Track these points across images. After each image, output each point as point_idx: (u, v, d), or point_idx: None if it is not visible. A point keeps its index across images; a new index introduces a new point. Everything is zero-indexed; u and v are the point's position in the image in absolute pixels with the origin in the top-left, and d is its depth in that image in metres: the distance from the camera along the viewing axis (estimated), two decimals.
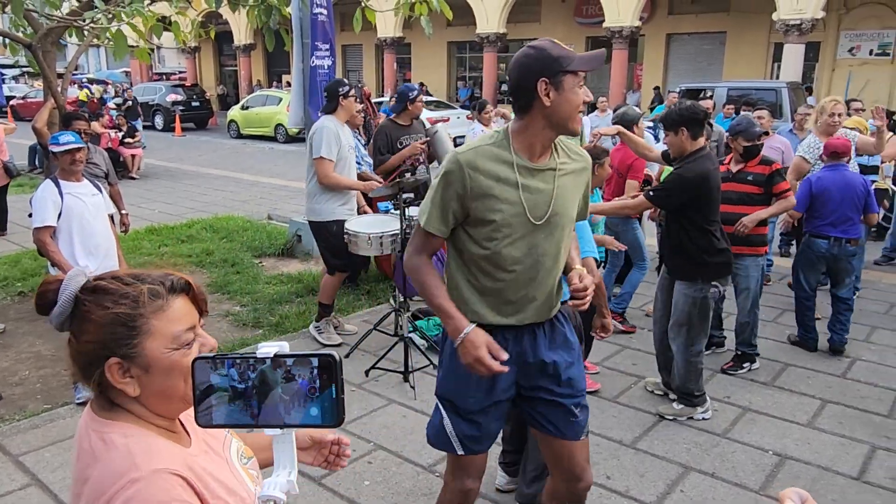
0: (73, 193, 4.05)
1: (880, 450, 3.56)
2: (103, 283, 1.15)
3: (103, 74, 32.36)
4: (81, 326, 1.13)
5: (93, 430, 1.14)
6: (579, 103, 2.00)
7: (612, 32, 18.23)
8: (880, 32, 16.89)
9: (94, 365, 1.12)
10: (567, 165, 2.11)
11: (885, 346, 4.97)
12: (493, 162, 2.02)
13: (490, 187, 2.00)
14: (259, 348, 0.99)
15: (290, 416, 0.98)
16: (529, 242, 2.06)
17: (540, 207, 2.04)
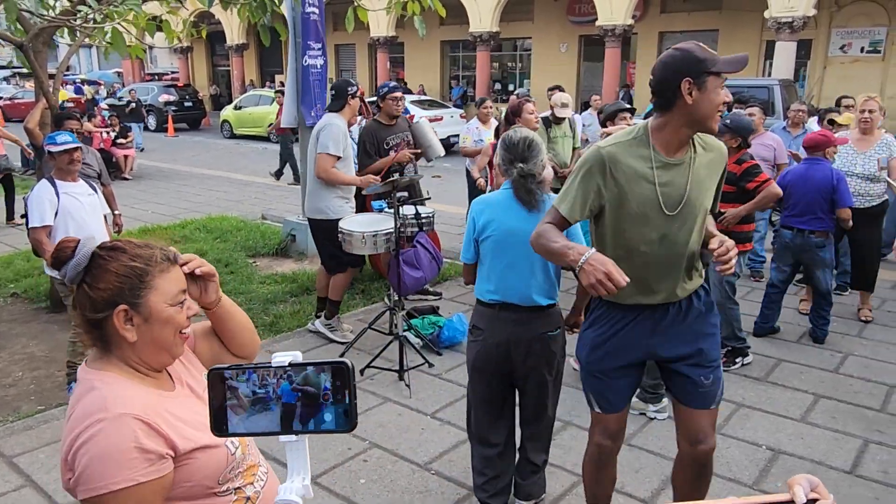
0: (70, 193, 4.05)
1: (872, 444, 3.59)
2: (120, 243, 1.36)
3: (95, 75, 32.26)
4: (98, 276, 1.32)
5: (83, 379, 1.34)
6: (719, 103, 2.13)
7: (605, 31, 18.27)
8: (871, 30, 16.98)
9: (102, 309, 1.31)
10: (702, 158, 2.27)
11: (877, 341, 5.00)
12: (633, 156, 2.21)
13: (627, 180, 2.20)
14: (273, 358, 1.00)
15: (303, 422, 0.99)
16: (662, 231, 2.25)
17: (673, 199, 2.21)
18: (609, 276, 1.97)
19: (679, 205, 2.22)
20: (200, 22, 13.65)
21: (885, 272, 6.72)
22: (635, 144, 2.23)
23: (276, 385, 0.99)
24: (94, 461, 1.22)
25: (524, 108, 4.85)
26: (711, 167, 2.30)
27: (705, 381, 2.40)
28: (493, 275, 2.78)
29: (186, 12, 5.33)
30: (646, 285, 2.32)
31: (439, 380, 4.33)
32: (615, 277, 1.97)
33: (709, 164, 2.28)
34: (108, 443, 1.23)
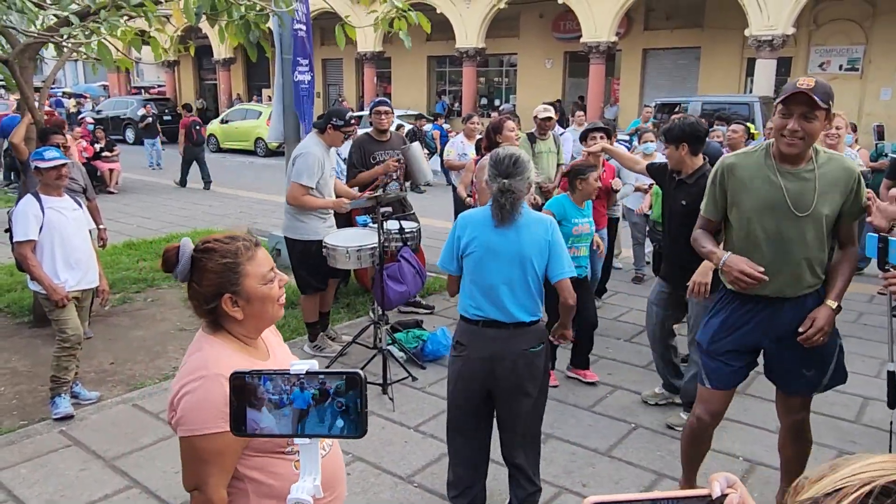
0: (55, 208, 4.07)
1: (847, 455, 3.65)
2: (210, 244, 1.62)
3: (81, 88, 32.12)
4: (201, 275, 1.60)
5: (198, 339, 1.65)
6: (778, 128, 2.51)
7: (590, 47, 18.50)
8: (849, 48, 17.32)
9: (212, 300, 1.60)
10: (821, 171, 2.58)
11: (852, 353, 5.06)
12: (751, 165, 2.65)
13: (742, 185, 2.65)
14: (292, 366, 1.08)
15: (317, 427, 1.07)
16: (775, 231, 2.60)
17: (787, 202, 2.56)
18: (743, 272, 2.55)
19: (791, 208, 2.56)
20: (188, 37, 13.64)
21: (861, 286, 6.85)
22: (756, 153, 2.68)
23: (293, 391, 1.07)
24: (192, 408, 1.52)
25: (504, 126, 4.92)
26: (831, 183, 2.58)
27: (806, 373, 2.76)
28: (475, 291, 2.80)
29: (173, 28, 5.36)
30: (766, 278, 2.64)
31: (423, 393, 4.37)
32: (748, 271, 2.54)
33: (829, 179, 2.58)
34: (205, 396, 1.52)
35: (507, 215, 2.73)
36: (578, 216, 4.34)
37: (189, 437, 1.53)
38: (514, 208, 2.73)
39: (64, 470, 3.47)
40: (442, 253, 2.94)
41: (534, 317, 2.83)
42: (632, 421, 4.02)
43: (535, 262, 2.76)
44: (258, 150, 19.75)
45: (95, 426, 3.94)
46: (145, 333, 5.45)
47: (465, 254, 2.83)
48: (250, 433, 1.09)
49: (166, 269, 1.63)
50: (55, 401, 4.02)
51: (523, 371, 2.79)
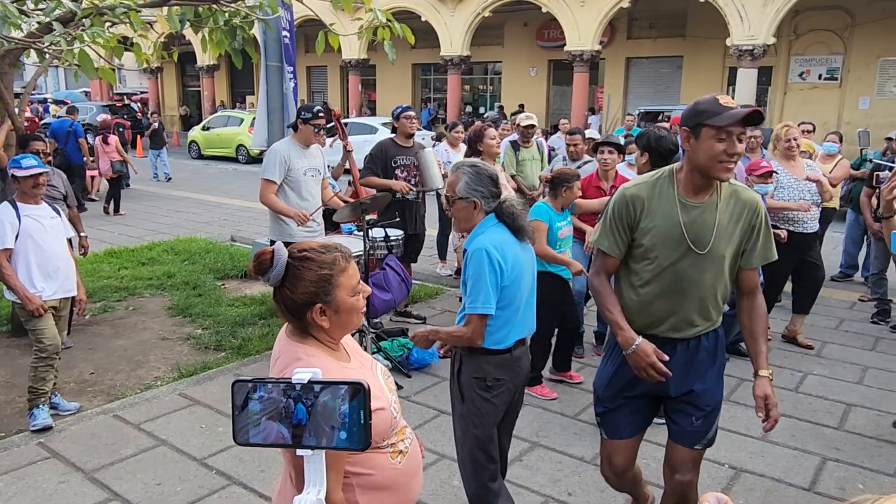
0: (32, 216, 4.00)
1: (830, 461, 3.68)
2: (308, 252, 1.64)
3: (62, 94, 31.79)
4: (295, 283, 1.61)
5: (288, 347, 1.67)
6: (715, 154, 2.21)
7: (573, 56, 18.63)
8: (828, 58, 17.59)
9: (303, 308, 1.62)
10: (724, 204, 2.35)
11: (835, 360, 5.14)
12: (654, 195, 2.39)
13: (644, 218, 2.38)
14: (294, 374, 1.05)
15: (320, 438, 1.04)
16: (673, 269, 2.38)
17: (687, 237, 2.33)
18: (652, 366, 2.34)
19: (689, 244, 2.34)
20: (171, 44, 13.60)
21: (843, 292, 6.93)
22: (659, 183, 2.41)
23: (296, 400, 1.05)
24: None
25: (486, 134, 4.92)
26: (735, 218, 2.37)
27: (695, 422, 2.51)
28: (514, 316, 2.64)
29: (156, 34, 5.31)
30: (654, 316, 2.45)
31: (408, 402, 4.34)
32: (658, 367, 2.33)
33: (733, 213, 2.36)
34: None
35: (528, 229, 2.68)
36: (560, 219, 4.41)
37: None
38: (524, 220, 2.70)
39: (42, 483, 3.40)
40: (480, 292, 2.50)
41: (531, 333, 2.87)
42: None
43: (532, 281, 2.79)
44: (240, 157, 19.72)
45: (75, 438, 3.87)
46: (126, 342, 5.38)
47: (506, 284, 2.57)
48: (253, 442, 1.06)
49: (258, 272, 1.64)
50: (33, 412, 3.94)
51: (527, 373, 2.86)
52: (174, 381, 4.64)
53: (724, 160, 2.22)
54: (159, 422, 4.05)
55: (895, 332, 5.73)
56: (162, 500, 3.28)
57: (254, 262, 1.64)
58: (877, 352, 5.32)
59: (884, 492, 2.87)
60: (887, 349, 5.36)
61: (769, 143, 5.62)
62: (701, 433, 2.52)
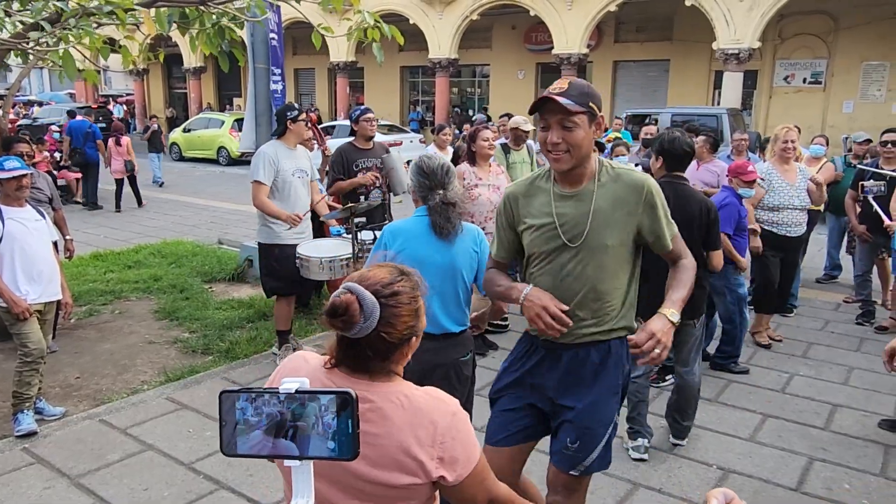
0: (16, 219, 3.96)
1: (817, 461, 3.71)
2: (396, 286, 1.44)
3: (47, 96, 31.52)
4: (393, 324, 1.41)
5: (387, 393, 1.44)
6: (542, 142, 2.13)
7: (561, 59, 18.70)
8: (812, 62, 17.76)
9: (398, 349, 1.44)
10: (601, 191, 2.18)
11: (820, 361, 5.19)
12: (532, 192, 2.27)
13: (524, 216, 2.27)
14: (282, 383, 1.04)
15: (308, 448, 1.03)
16: (550, 266, 2.23)
17: (560, 230, 2.19)
18: (546, 308, 2.10)
19: (579, 237, 2.17)
20: (158, 45, 13.52)
21: (828, 294, 7.00)
22: (537, 179, 2.30)
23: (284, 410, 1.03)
24: (466, 443, 1.46)
25: (479, 136, 4.92)
26: (619, 202, 2.18)
27: (570, 445, 2.25)
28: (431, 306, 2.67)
29: (143, 36, 5.28)
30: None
31: None
32: (551, 310, 2.09)
33: (615, 199, 2.18)
34: (469, 428, 1.49)
35: (450, 228, 2.65)
36: None
37: (476, 465, 1.48)
38: (455, 220, 2.67)
39: (27, 489, 3.36)
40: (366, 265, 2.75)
41: (462, 326, 2.80)
42: None
43: (465, 274, 2.74)
44: (221, 158, 19.84)
45: (60, 443, 3.83)
46: (113, 346, 5.33)
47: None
48: (241, 453, 1.05)
49: (344, 328, 1.36)
50: (18, 417, 3.90)
51: (455, 380, 2.75)
52: (161, 386, 4.60)
53: (548, 150, 2.11)
54: (146, 426, 4.01)
55: (880, 333, 5.79)
56: None
57: (335, 317, 1.36)
58: (862, 353, 5.37)
59: (870, 491, 2.90)
60: (872, 350, 5.41)
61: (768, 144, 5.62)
62: (576, 458, 2.25)
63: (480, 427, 3.81)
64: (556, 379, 2.28)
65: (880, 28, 16.38)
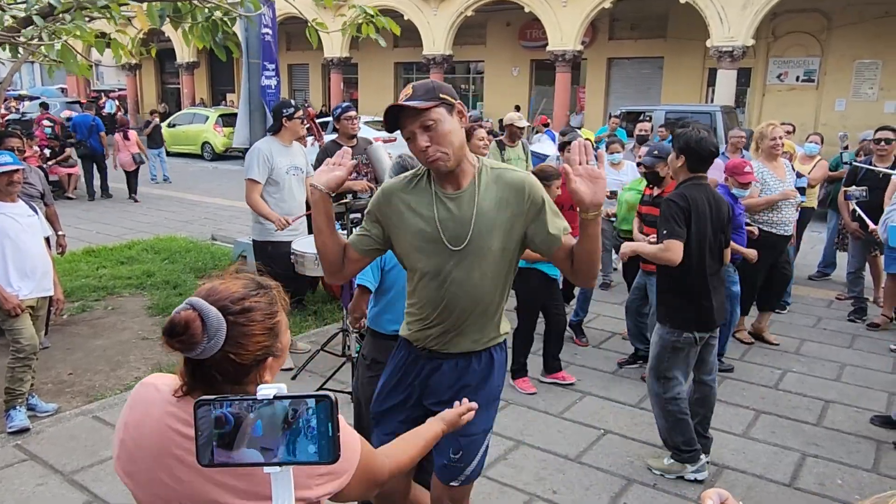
0: (8, 214, 3.93)
1: (810, 457, 3.73)
2: (247, 302, 1.27)
3: (38, 91, 31.28)
4: (242, 344, 1.24)
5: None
6: (415, 153, 2.02)
7: (556, 56, 18.70)
8: (805, 60, 17.82)
9: (249, 371, 1.27)
10: (483, 192, 2.07)
11: (813, 357, 5.21)
12: (412, 191, 2.12)
13: (400, 216, 2.11)
14: (259, 390, 1.03)
15: (287, 454, 1.02)
16: (434, 271, 2.08)
17: (450, 233, 2.05)
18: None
19: (462, 241, 2.05)
20: (150, 40, 13.39)
21: (820, 291, 7.03)
22: (416, 177, 2.15)
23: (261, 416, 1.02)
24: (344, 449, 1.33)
25: (474, 134, 4.90)
26: (502, 203, 2.07)
27: (453, 456, 2.19)
28: (397, 302, 2.65)
29: (135, 30, 5.24)
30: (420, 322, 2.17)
31: None
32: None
33: (498, 200, 2.07)
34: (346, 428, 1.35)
35: None
36: None
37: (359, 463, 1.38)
38: None
39: (19, 486, 3.34)
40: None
41: None
42: (601, 427, 4.04)
43: None
44: (205, 153, 19.93)
45: (53, 439, 3.81)
46: (105, 343, 5.30)
47: (389, 266, 2.72)
48: (218, 463, 1.03)
49: (184, 348, 1.20)
50: (10, 413, 3.87)
51: None
52: None
53: (423, 158, 2.01)
54: None
55: (872, 330, 5.82)
56: None
57: (173, 337, 1.19)
58: (854, 349, 5.40)
59: (862, 486, 2.91)
60: (864, 347, 5.45)
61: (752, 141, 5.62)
62: (459, 469, 2.21)
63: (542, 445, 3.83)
64: (438, 390, 2.19)
65: (873, 26, 16.46)
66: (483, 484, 3.38)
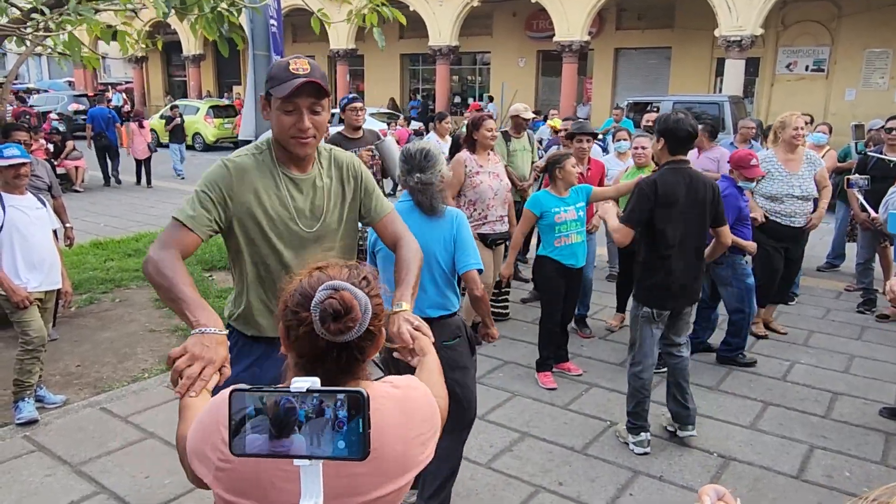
0: (16, 206, 3.95)
1: (818, 449, 3.71)
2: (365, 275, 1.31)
3: (45, 84, 31.39)
4: (378, 314, 1.27)
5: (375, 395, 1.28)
6: (286, 128, 1.94)
7: (563, 46, 18.60)
8: (815, 49, 17.67)
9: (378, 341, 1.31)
10: (328, 174, 2.13)
11: (821, 349, 5.18)
12: (261, 168, 2.04)
13: (254, 195, 2.01)
14: (293, 383, 1.03)
15: (318, 447, 1.02)
16: (291, 256, 2.05)
17: (304, 218, 2.07)
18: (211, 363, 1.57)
19: (315, 224, 2.07)
20: (156, 33, 13.33)
21: (829, 282, 6.98)
22: (263, 159, 2.06)
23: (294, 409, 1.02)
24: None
25: (483, 125, 4.85)
26: (342, 182, 2.14)
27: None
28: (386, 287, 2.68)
29: (141, 22, 5.21)
30: (272, 312, 2.08)
31: None
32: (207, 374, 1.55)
33: (339, 179, 2.14)
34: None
35: (437, 205, 2.79)
36: (558, 205, 4.39)
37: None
38: (436, 201, 2.80)
39: (27, 476, 3.36)
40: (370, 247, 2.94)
41: (444, 311, 2.82)
42: (607, 418, 4.03)
43: (439, 258, 2.80)
44: (196, 144, 20.39)
45: (61, 431, 3.83)
46: (113, 335, 5.33)
47: (376, 249, 2.86)
48: (249, 452, 1.04)
49: (345, 332, 1.18)
50: (18, 405, 3.90)
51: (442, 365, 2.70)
52: (162, 373, 4.60)
53: (296, 135, 1.95)
54: (147, 414, 4.01)
55: (881, 322, 5.78)
56: (150, 493, 3.25)
57: (339, 320, 1.18)
58: (863, 341, 5.37)
59: (870, 478, 2.89)
60: (873, 338, 5.41)
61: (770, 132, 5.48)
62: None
63: (482, 415, 3.84)
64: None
65: (883, 15, 16.29)
66: (489, 475, 3.39)
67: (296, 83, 1.87)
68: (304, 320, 1.20)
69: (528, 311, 5.92)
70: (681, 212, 3.49)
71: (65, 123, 15.65)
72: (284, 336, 1.26)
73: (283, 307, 1.25)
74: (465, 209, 4.83)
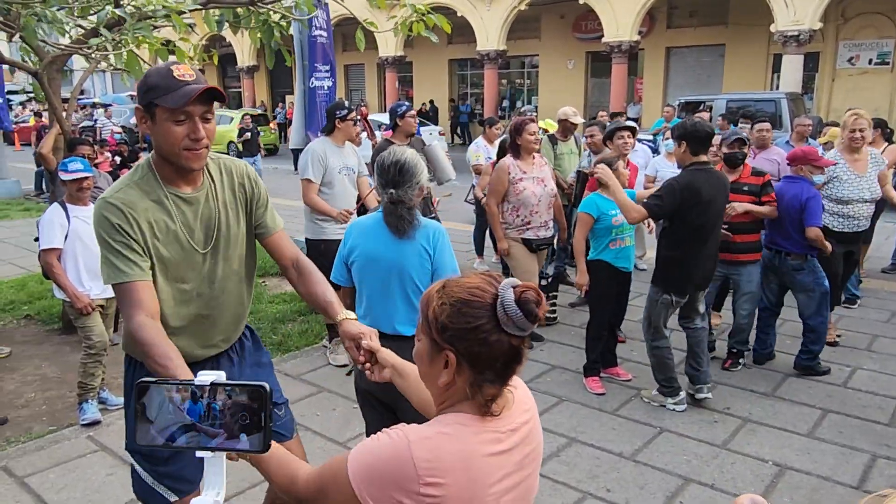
0: (80, 217, 4.15)
1: (881, 458, 3.56)
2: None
3: (109, 98, 32.69)
4: None
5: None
6: (177, 140, 1.83)
7: (612, 47, 18.37)
8: (878, 42, 16.96)
9: None
10: (220, 186, 2.06)
11: (886, 354, 4.97)
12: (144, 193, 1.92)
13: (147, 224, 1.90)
14: (198, 375, 1.05)
15: (220, 440, 1.04)
16: (199, 272, 2.02)
17: (198, 235, 2.00)
18: None
19: (204, 240, 2.01)
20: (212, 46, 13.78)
21: (894, 284, 6.69)
22: (142, 183, 1.93)
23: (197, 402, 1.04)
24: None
25: (525, 129, 4.82)
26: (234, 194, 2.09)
27: (279, 413, 2.31)
28: (362, 300, 2.67)
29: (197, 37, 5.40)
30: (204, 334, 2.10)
31: None
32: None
33: (231, 191, 2.08)
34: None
35: (404, 226, 2.55)
36: (614, 207, 4.29)
37: None
38: (409, 219, 2.56)
39: (91, 475, 3.51)
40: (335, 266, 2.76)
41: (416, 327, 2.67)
42: (657, 425, 3.96)
43: (413, 275, 2.58)
44: (230, 153, 20.61)
45: (122, 431, 3.96)
46: None
47: (349, 261, 2.72)
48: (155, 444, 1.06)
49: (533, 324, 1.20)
50: (83, 406, 4.08)
51: None
52: None
53: (189, 146, 1.84)
54: None
55: None
56: None
57: (534, 314, 1.18)
58: None
59: None
60: None
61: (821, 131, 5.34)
62: (290, 419, 2.39)
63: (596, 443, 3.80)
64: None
65: None
66: None
67: (191, 90, 1.77)
68: (490, 329, 1.17)
69: (575, 316, 5.87)
70: (717, 210, 3.91)
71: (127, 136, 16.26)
72: (470, 357, 1.19)
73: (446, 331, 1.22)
74: (509, 214, 4.83)
